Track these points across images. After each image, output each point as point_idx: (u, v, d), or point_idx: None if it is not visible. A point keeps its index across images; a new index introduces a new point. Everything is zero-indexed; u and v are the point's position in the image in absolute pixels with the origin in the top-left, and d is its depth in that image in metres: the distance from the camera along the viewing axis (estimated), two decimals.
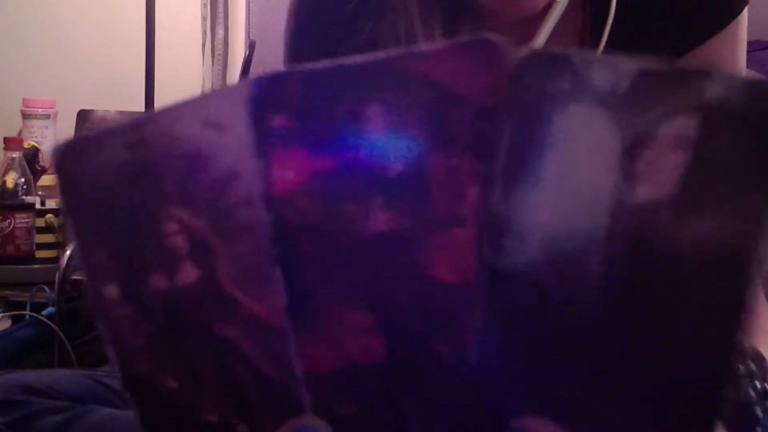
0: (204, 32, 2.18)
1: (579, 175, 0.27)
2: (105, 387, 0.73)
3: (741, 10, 0.67)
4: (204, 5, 2.18)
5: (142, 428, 0.32)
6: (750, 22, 1.65)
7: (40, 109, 2.11)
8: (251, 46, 2.00)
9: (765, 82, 0.25)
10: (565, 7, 0.64)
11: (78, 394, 0.71)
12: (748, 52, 1.55)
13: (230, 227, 0.30)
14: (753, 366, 0.48)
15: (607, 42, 0.67)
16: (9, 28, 2.31)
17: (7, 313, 1.61)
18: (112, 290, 0.32)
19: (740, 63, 0.69)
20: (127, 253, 0.31)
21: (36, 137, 2.07)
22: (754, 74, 1.36)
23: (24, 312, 1.61)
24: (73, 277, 1.64)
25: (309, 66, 0.29)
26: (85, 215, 0.32)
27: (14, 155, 1.80)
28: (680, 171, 0.26)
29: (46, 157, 2.04)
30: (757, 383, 0.47)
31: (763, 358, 0.49)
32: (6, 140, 1.83)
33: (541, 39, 0.64)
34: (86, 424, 0.69)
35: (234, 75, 2.15)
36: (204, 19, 2.18)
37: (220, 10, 2.18)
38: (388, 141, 0.28)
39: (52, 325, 1.57)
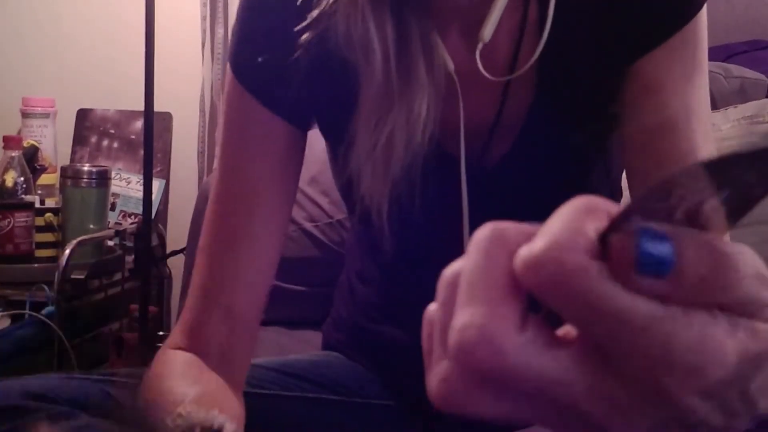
0: (204, 32, 2.18)
1: None
2: (103, 392, 0.72)
3: (689, 19, 0.65)
4: (204, 5, 2.18)
5: None
6: (750, 22, 1.66)
7: (39, 108, 2.11)
8: None
9: None
10: None
11: (77, 399, 0.70)
12: (747, 51, 1.55)
13: None
14: None
15: (551, 38, 0.67)
16: (9, 28, 2.31)
17: (6, 312, 1.61)
18: None
19: (698, 69, 0.67)
20: None
21: (35, 136, 2.07)
22: (751, 74, 1.37)
23: (23, 311, 1.61)
24: (73, 276, 1.64)
25: None
26: None
27: (13, 154, 1.80)
28: None
29: (45, 156, 2.04)
30: None
31: None
32: (5, 139, 1.83)
33: (488, 30, 0.65)
34: None
35: None
36: (204, 18, 2.18)
37: (220, 9, 2.18)
38: None
39: (52, 324, 1.57)
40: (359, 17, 0.64)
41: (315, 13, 0.66)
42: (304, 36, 0.67)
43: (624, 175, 0.76)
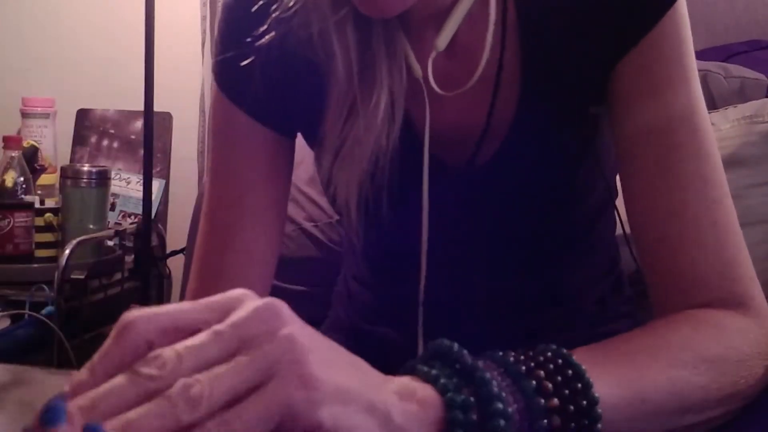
0: (204, 32, 2.18)
1: None
2: None
3: (661, 14, 0.64)
4: (204, 5, 2.18)
5: None
6: (750, 22, 1.66)
7: (39, 108, 2.11)
8: None
9: None
10: (471, 3, 0.65)
11: None
12: (747, 51, 1.55)
13: None
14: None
15: (532, 39, 0.67)
16: (9, 28, 2.31)
17: (6, 312, 1.61)
18: None
19: (684, 60, 0.65)
20: None
21: (35, 136, 2.07)
22: (751, 74, 1.37)
23: (23, 311, 1.61)
24: (73, 276, 1.64)
25: None
26: None
27: (13, 154, 1.80)
28: None
29: (45, 156, 2.05)
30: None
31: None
32: (5, 139, 1.83)
33: (442, 39, 0.65)
34: None
35: None
36: (204, 18, 2.18)
37: (220, 10, 2.18)
38: None
39: (51, 324, 1.57)
40: (317, 20, 0.64)
41: (274, 15, 0.67)
42: (263, 39, 0.67)
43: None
